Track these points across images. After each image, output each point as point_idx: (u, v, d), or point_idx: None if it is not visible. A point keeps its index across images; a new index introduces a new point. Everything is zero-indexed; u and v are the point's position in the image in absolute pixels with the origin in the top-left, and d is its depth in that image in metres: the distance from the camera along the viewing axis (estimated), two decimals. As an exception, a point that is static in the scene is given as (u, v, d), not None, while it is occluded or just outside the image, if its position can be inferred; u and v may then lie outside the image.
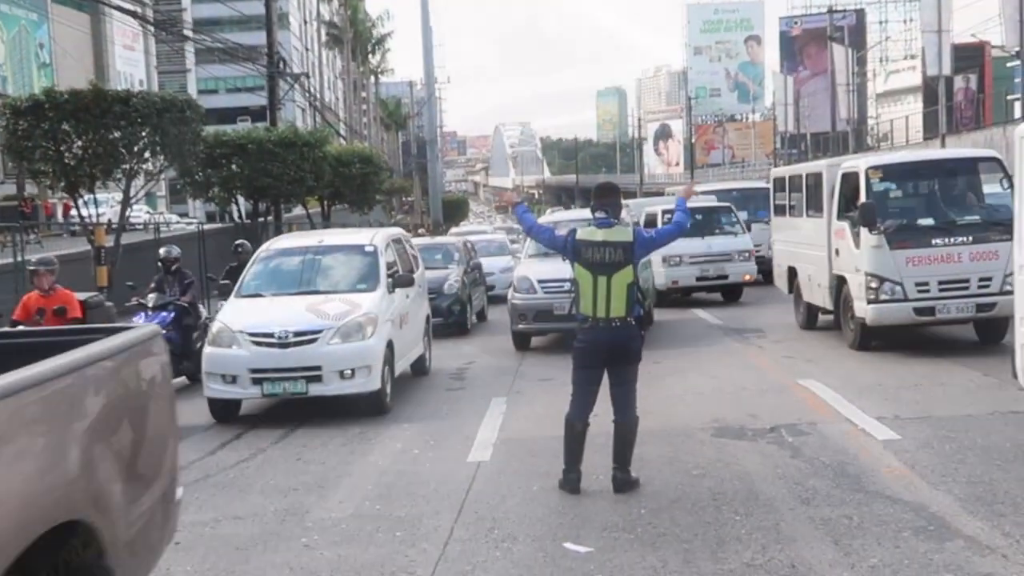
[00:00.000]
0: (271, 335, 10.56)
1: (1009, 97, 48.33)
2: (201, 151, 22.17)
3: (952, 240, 12.20)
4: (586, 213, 8.72)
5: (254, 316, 11.01)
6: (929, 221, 12.59)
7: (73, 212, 21.84)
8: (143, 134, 17.62)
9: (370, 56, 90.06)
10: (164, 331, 12.36)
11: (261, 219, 27.14)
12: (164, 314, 12.76)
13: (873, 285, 12.31)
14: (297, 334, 10.53)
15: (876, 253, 12.30)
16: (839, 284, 13.47)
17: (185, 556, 6.42)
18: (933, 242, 12.21)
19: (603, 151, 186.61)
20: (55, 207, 40.02)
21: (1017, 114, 35.86)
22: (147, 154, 18.45)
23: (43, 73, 50.24)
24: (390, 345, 11.11)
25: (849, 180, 13.23)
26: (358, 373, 10.49)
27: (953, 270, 12.19)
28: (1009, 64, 50.65)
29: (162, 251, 13.83)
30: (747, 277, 21.10)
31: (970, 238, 12.19)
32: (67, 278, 16.83)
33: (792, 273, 15.93)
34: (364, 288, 11.53)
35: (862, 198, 12.52)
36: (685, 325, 17.65)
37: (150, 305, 12.89)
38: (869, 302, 12.36)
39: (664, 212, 19.98)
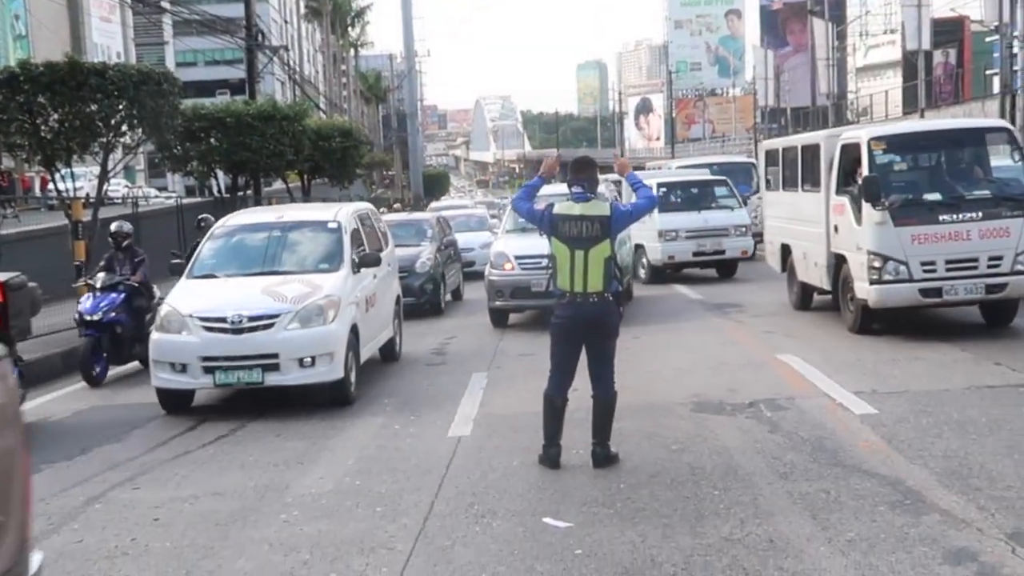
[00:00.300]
0: (224, 320, 9.77)
1: (988, 72, 48.48)
2: (179, 124, 21.96)
3: (960, 216, 11.48)
4: (564, 188, 8.69)
5: (206, 299, 10.22)
6: (936, 196, 11.78)
7: (50, 186, 21.68)
8: (120, 107, 17.42)
9: (349, 29, 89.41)
10: (113, 313, 12.14)
11: (240, 193, 26.99)
12: (113, 295, 12.25)
13: (876, 264, 11.58)
14: (252, 319, 9.73)
15: (879, 230, 11.57)
16: (838, 263, 12.79)
17: (164, 532, 6.42)
18: (940, 218, 11.49)
19: (584, 125, 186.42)
20: (32, 181, 39.67)
21: (995, 89, 35.98)
22: (124, 127, 18.24)
23: (19, 45, 49.67)
24: (354, 330, 10.40)
25: (849, 152, 12.52)
26: (319, 361, 9.74)
27: (961, 248, 11.47)
28: (988, 39, 50.71)
29: (113, 226, 13.06)
30: (744, 252, 20.59)
31: (980, 214, 11.48)
32: (45, 252, 16.77)
33: (785, 251, 15.23)
34: (327, 268, 10.77)
35: (864, 171, 11.84)
36: (665, 300, 17.68)
37: (98, 286, 12.33)
38: (872, 283, 11.64)
39: (659, 185, 19.67)
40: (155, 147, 24.80)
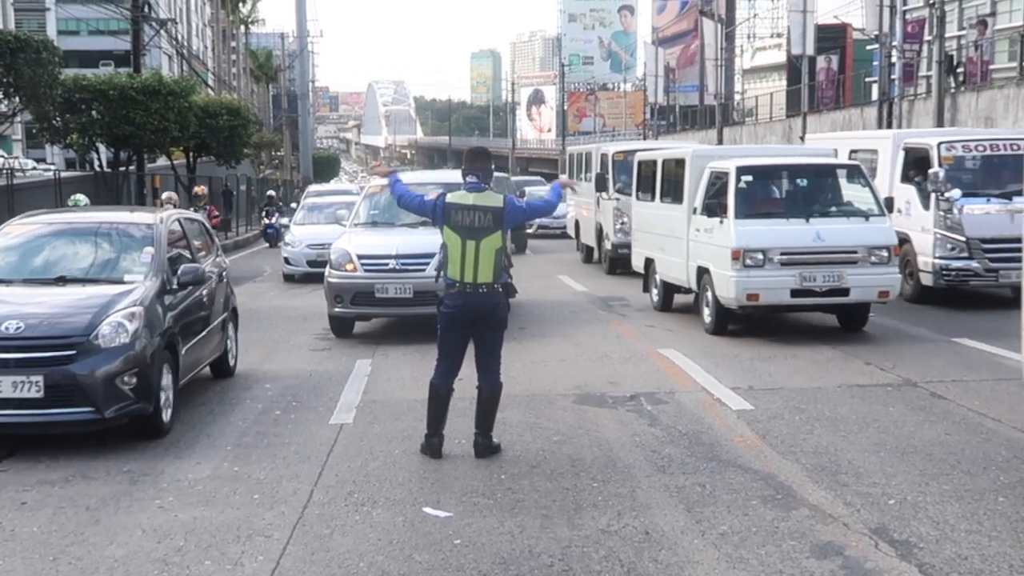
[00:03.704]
0: None
1: (867, 79, 50.03)
2: (59, 95, 21.38)
3: None
4: (440, 175, 8.54)
5: None
6: None
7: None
8: (-4, 74, 16.88)
9: (240, 4, 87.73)
10: None
11: (123, 169, 26.34)
12: None
13: None
14: None
15: None
16: None
17: (31, 516, 6.22)
18: None
19: (476, 114, 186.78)
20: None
21: (875, 96, 37.15)
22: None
23: None
24: None
25: None
26: None
27: None
28: (868, 47, 52.47)
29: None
30: (884, 294, 12.08)
31: None
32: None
33: None
34: None
35: None
36: (551, 292, 17.81)
37: None
38: None
39: (740, 170, 12.47)
40: (33, 117, 24.05)
